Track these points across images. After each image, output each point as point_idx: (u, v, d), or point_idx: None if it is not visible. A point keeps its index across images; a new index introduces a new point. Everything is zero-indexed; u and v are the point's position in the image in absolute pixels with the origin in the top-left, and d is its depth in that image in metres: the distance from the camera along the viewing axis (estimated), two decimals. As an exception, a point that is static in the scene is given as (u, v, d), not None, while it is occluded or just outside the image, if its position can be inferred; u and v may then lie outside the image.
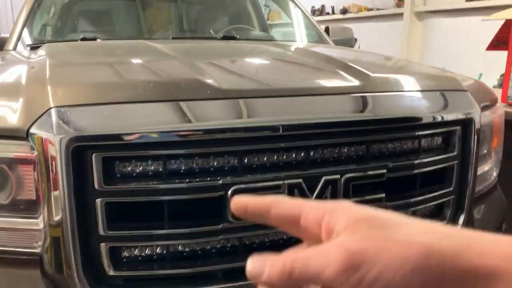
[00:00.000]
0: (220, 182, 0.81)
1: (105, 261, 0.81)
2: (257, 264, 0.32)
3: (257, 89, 0.91)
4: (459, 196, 1.08)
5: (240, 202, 0.38)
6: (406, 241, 0.29)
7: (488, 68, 3.58)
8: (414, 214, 1.03)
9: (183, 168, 0.81)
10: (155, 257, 0.85)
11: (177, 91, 0.84)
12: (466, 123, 1.05)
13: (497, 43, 1.95)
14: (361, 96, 0.94)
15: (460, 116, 1.02)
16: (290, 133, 0.86)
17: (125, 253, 0.84)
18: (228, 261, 0.86)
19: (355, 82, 0.97)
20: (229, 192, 0.82)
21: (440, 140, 1.04)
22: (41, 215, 0.80)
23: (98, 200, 0.78)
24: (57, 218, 0.78)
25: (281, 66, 1.16)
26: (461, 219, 1.09)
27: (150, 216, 0.83)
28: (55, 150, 0.75)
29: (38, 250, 0.82)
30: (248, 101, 0.86)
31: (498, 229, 1.24)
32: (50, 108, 0.78)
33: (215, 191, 0.81)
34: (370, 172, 0.91)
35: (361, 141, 0.91)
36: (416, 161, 0.97)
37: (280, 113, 0.87)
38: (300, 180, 0.86)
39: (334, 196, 0.88)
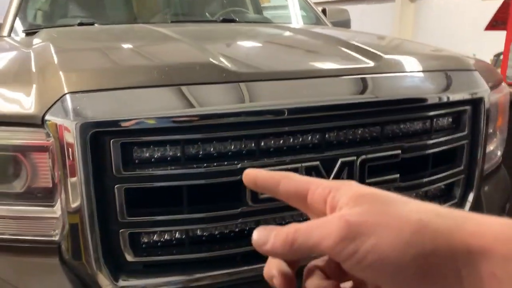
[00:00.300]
0: (239, 166, 0.81)
1: (125, 248, 0.81)
2: (262, 234, 0.34)
3: (273, 72, 0.90)
4: (468, 175, 1.09)
5: (250, 175, 0.40)
6: (403, 217, 0.30)
7: (481, 48, 3.60)
8: (426, 194, 1.04)
9: (201, 152, 0.81)
10: (174, 242, 0.85)
11: (193, 75, 0.83)
12: (476, 103, 1.06)
13: (495, 23, 1.96)
14: (376, 77, 0.94)
15: (471, 95, 1.03)
16: (306, 116, 0.86)
17: (144, 239, 0.84)
18: (246, 245, 0.86)
19: (370, 63, 0.96)
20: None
21: (451, 120, 1.05)
22: (58, 203, 0.79)
23: (118, 186, 0.77)
24: (75, 205, 0.77)
25: (292, 48, 1.15)
26: (470, 197, 1.10)
27: (168, 202, 0.82)
28: (73, 137, 0.74)
29: (56, 238, 0.81)
30: (264, 84, 0.85)
31: (502, 208, 1.26)
32: (65, 94, 0.76)
33: (233, 175, 0.81)
34: (385, 153, 0.91)
35: (376, 122, 0.91)
36: (430, 141, 0.97)
37: (296, 95, 0.86)
38: (318, 162, 0.86)
39: (351, 177, 0.88)
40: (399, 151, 0.93)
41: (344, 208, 0.33)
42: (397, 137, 0.94)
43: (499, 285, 0.28)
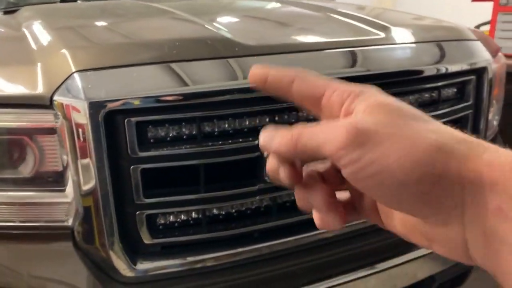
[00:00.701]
0: (256, 142, 0.79)
1: (142, 230, 0.79)
2: (268, 135, 0.33)
3: (287, 44, 0.88)
4: (472, 144, 1.10)
5: (260, 71, 0.35)
6: (419, 134, 0.28)
7: (461, 19, 3.63)
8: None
9: (216, 130, 0.79)
10: (191, 222, 0.83)
11: (204, 50, 0.80)
12: (480, 72, 1.06)
13: (481, -6, 1.97)
14: (388, 48, 0.93)
15: (476, 65, 1.03)
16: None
17: (161, 220, 0.82)
18: (264, 221, 0.86)
19: (380, 35, 0.95)
20: (266, 153, 0.80)
21: (456, 90, 1.05)
22: (70, 187, 0.76)
23: (134, 167, 0.74)
24: (89, 188, 0.74)
25: (299, 21, 1.12)
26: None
27: (184, 181, 0.80)
28: (85, 117, 0.71)
29: (69, 224, 0.78)
30: (279, 57, 0.83)
31: None
32: (73, 72, 0.72)
33: (251, 152, 0.79)
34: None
35: (391, 93, 0.90)
36: (439, 111, 0.98)
37: (312, 68, 0.84)
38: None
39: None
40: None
41: (359, 115, 0.30)
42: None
43: (505, 220, 0.26)
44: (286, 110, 0.82)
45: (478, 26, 3.25)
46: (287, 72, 0.35)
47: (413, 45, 0.99)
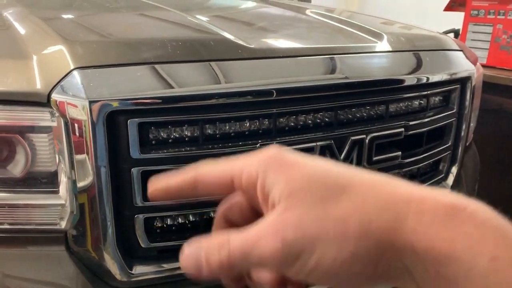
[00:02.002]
0: (258, 145, 0.79)
1: (140, 233, 0.77)
2: (190, 258, 0.31)
3: (287, 49, 0.87)
4: (454, 150, 1.15)
5: (159, 186, 0.35)
6: (343, 222, 0.28)
7: (426, 25, 3.75)
8: (418, 170, 1.08)
9: (218, 132, 0.78)
10: (188, 226, 0.82)
11: (207, 51, 0.79)
12: (464, 81, 1.10)
13: (453, 4, 2.05)
14: (380, 55, 0.95)
15: (461, 74, 1.07)
16: (320, 94, 0.85)
17: (158, 224, 0.80)
18: (260, 225, 0.85)
19: (374, 42, 0.97)
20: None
21: (442, 98, 1.09)
22: (64, 188, 0.73)
23: (135, 169, 0.72)
24: (86, 190, 0.71)
25: (294, 26, 1.12)
26: (454, 170, 1.17)
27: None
28: (86, 117, 0.68)
29: (62, 226, 0.75)
30: (279, 61, 0.83)
31: (471, 189, 1.34)
32: (72, 69, 0.69)
33: (252, 155, 0.79)
34: (391, 131, 0.93)
35: (382, 100, 0.92)
36: (427, 119, 1.01)
37: (310, 73, 0.85)
38: (331, 141, 0.86)
39: (360, 155, 0.89)
40: (402, 129, 0.95)
41: (277, 209, 0.29)
42: (400, 115, 0.97)
43: (447, 284, 0.26)
44: (288, 114, 0.82)
45: (443, 33, 3.38)
46: (185, 175, 0.33)
47: (403, 53, 1.01)
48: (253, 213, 0.34)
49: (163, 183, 0.34)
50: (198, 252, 0.31)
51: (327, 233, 0.27)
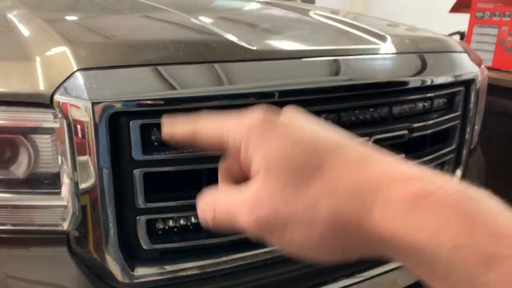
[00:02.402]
0: (260, 147, 0.79)
1: (141, 235, 0.77)
2: (201, 210, 0.35)
3: (290, 51, 0.87)
4: (458, 153, 1.14)
5: (168, 129, 0.37)
6: (313, 205, 0.29)
7: (431, 27, 3.74)
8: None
9: (220, 134, 0.77)
10: (190, 227, 0.81)
11: (210, 53, 0.79)
12: (468, 84, 1.10)
13: (458, 6, 2.04)
14: (384, 57, 0.94)
15: (465, 76, 1.07)
16: (323, 96, 0.85)
17: (160, 225, 0.80)
18: (262, 227, 0.85)
19: (380, 44, 0.96)
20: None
21: (446, 100, 1.08)
22: (66, 189, 0.73)
23: (137, 171, 0.72)
24: (89, 192, 0.71)
25: (297, 27, 1.12)
26: (458, 172, 1.16)
27: (186, 186, 0.79)
28: (88, 118, 0.68)
29: (64, 228, 0.75)
30: (283, 63, 0.83)
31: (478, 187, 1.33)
32: (75, 71, 0.69)
33: (255, 157, 0.79)
34: (394, 133, 0.92)
35: (385, 102, 0.92)
36: (431, 121, 1.00)
37: (313, 75, 0.85)
38: (334, 143, 0.85)
39: (363, 157, 0.89)
40: (406, 131, 0.95)
41: (255, 181, 0.31)
42: (404, 118, 0.96)
43: (413, 271, 0.27)
44: (290, 116, 0.82)
45: (448, 36, 3.37)
46: (189, 125, 0.36)
47: (407, 55, 1.01)
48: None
49: (171, 128, 0.37)
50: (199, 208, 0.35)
51: (297, 214, 0.29)
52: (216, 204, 0.33)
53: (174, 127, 0.36)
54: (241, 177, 0.35)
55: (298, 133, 0.32)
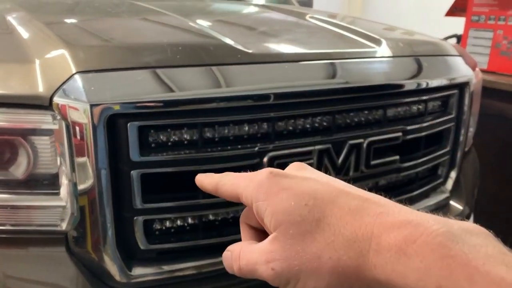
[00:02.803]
0: (256, 149, 0.80)
1: (139, 235, 0.78)
2: (224, 261, 0.43)
3: (286, 54, 0.89)
4: (452, 155, 1.15)
5: (198, 181, 0.48)
6: (318, 257, 0.34)
7: (430, 32, 3.77)
8: (417, 175, 1.09)
9: (217, 136, 0.79)
10: (187, 228, 0.83)
11: (207, 56, 0.80)
12: (462, 87, 1.11)
13: (455, 10, 2.06)
14: (378, 61, 0.96)
15: (459, 79, 1.08)
16: (318, 99, 0.86)
17: (157, 226, 0.81)
18: (258, 228, 0.86)
19: (373, 47, 0.98)
20: (265, 159, 0.81)
21: (441, 103, 1.09)
22: (65, 190, 0.74)
23: (134, 172, 0.73)
24: (87, 192, 0.72)
25: (294, 31, 1.14)
26: (453, 175, 1.17)
27: (183, 187, 0.80)
28: (87, 120, 0.69)
29: (63, 228, 0.76)
30: (278, 66, 0.84)
31: (471, 194, 1.34)
32: (74, 73, 0.71)
33: (251, 159, 0.80)
34: (389, 135, 0.94)
35: (380, 105, 0.93)
36: (425, 124, 1.01)
37: (308, 78, 0.86)
38: (329, 145, 0.86)
39: (358, 159, 0.90)
40: (400, 134, 0.96)
41: (269, 238, 0.37)
42: (398, 120, 0.97)
43: None
44: (286, 118, 0.83)
45: (445, 39, 3.39)
46: (212, 179, 0.45)
47: (401, 58, 1.02)
48: None
49: (200, 180, 0.47)
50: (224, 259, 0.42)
51: (306, 267, 0.34)
52: (240, 257, 0.39)
53: (204, 179, 0.46)
54: (259, 225, 0.41)
55: (300, 185, 0.37)
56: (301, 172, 0.40)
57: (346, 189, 0.36)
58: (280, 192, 0.36)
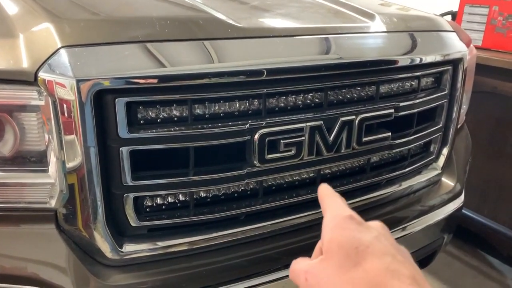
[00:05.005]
0: (247, 126, 0.79)
1: (129, 212, 0.77)
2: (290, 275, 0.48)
3: (279, 29, 0.87)
4: (444, 131, 1.15)
5: (320, 189, 0.54)
6: (354, 285, 0.40)
7: (425, 9, 3.72)
8: (409, 151, 1.08)
9: (207, 112, 0.78)
10: (178, 205, 0.82)
11: (197, 30, 0.78)
12: (456, 63, 1.10)
13: (450, -15, 2.02)
14: (372, 36, 0.94)
15: (453, 55, 1.07)
16: (310, 75, 0.85)
17: (148, 203, 0.80)
18: (250, 204, 0.86)
19: (366, 22, 0.96)
20: (256, 136, 0.80)
21: (434, 79, 1.09)
22: (53, 167, 0.73)
23: (124, 149, 0.72)
24: (75, 169, 0.72)
25: (287, 6, 1.11)
26: (445, 151, 1.17)
27: (173, 164, 0.79)
28: (73, 95, 0.67)
29: (52, 205, 0.75)
30: (270, 41, 0.82)
31: (463, 170, 1.34)
32: (60, 48, 0.69)
33: (242, 136, 0.79)
34: (381, 112, 0.93)
35: (372, 81, 0.92)
36: (418, 100, 1.01)
37: (301, 53, 0.84)
38: (321, 122, 0.86)
39: (350, 136, 0.90)
40: (393, 110, 0.95)
41: (321, 257, 0.44)
42: (390, 96, 0.97)
43: None
44: (278, 95, 0.82)
45: (441, 16, 3.35)
46: (325, 194, 0.53)
47: (395, 33, 1.01)
48: None
49: (320, 195, 0.54)
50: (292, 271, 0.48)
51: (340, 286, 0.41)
52: (297, 262, 0.47)
53: (324, 191, 0.54)
54: None
55: (357, 233, 0.44)
56: (362, 225, 0.46)
57: (399, 267, 0.41)
58: (340, 230, 0.44)
